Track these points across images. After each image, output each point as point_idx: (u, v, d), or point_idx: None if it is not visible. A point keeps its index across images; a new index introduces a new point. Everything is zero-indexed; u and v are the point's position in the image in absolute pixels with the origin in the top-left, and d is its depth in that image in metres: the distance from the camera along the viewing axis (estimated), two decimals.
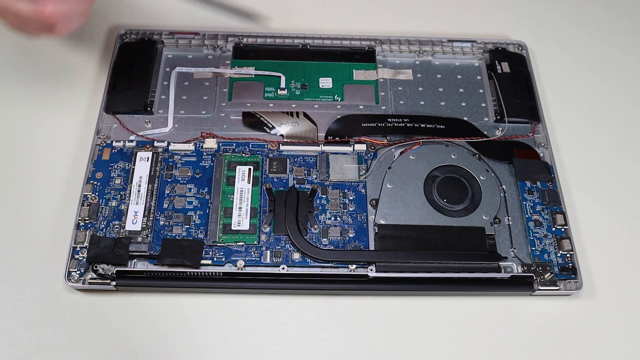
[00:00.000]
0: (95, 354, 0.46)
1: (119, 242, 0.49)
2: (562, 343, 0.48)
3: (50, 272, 0.49)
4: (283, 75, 0.59)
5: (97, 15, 0.64)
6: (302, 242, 0.49)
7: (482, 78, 0.61)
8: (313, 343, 0.48)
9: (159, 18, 0.64)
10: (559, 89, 0.62)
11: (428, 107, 0.58)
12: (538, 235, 0.51)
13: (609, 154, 0.58)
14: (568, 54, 0.65)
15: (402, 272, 0.49)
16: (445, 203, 0.52)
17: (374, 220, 0.51)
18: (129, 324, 0.48)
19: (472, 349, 0.48)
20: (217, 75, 0.59)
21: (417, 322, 0.49)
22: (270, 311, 0.49)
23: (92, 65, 0.60)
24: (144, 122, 0.56)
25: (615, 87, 0.63)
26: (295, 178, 0.53)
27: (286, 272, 0.48)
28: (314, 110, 0.57)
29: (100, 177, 0.52)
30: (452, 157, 0.54)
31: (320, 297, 0.49)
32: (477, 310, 0.49)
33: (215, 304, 0.49)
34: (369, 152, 0.55)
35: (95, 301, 0.48)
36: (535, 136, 0.57)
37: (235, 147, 0.54)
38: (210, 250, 0.49)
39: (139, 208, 0.50)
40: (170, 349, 0.47)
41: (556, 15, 0.68)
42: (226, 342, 0.47)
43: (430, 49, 0.61)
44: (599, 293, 0.51)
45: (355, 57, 0.61)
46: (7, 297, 0.48)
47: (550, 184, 0.54)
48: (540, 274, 0.49)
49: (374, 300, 0.50)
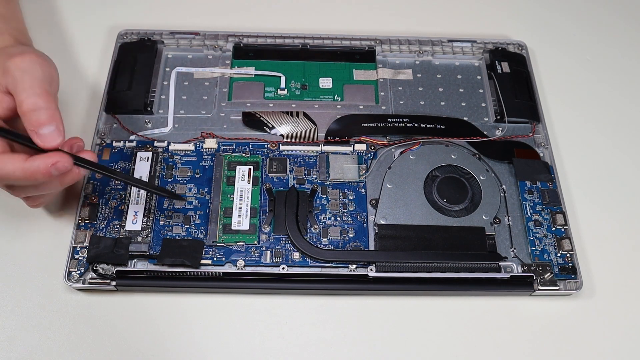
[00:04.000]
0: (95, 354, 0.46)
1: (119, 242, 0.49)
2: (562, 343, 0.48)
3: (50, 272, 0.49)
4: (283, 75, 0.59)
5: (97, 15, 0.64)
6: (302, 242, 0.49)
7: (482, 78, 0.61)
8: (313, 343, 0.48)
9: (159, 18, 0.64)
10: (559, 89, 0.62)
11: (428, 107, 0.58)
12: (538, 235, 0.51)
13: (609, 154, 0.58)
14: (568, 54, 0.65)
15: (402, 272, 0.49)
16: (445, 203, 0.52)
17: (374, 220, 0.51)
18: (129, 324, 0.48)
19: (472, 349, 0.48)
20: (217, 75, 0.59)
21: (417, 322, 0.49)
22: (270, 311, 0.49)
23: (92, 65, 0.60)
24: (144, 122, 0.56)
25: (615, 87, 0.63)
26: (295, 178, 0.53)
27: (286, 272, 0.48)
28: (314, 110, 0.57)
29: (100, 177, 0.52)
30: (452, 157, 0.54)
31: (320, 297, 0.49)
32: (477, 310, 0.49)
33: (215, 304, 0.49)
34: (369, 152, 0.55)
35: (95, 301, 0.48)
36: (535, 136, 0.57)
37: (235, 147, 0.54)
38: (210, 250, 0.49)
39: (139, 208, 0.50)
40: (170, 349, 0.47)
41: (556, 15, 0.68)
42: (226, 342, 0.47)
43: (430, 49, 0.61)
44: (599, 293, 0.51)
45: (355, 57, 0.61)
46: (7, 297, 0.48)
47: (550, 184, 0.54)
48: (540, 274, 0.49)
49: (374, 300, 0.50)
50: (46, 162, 0.41)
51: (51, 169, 0.41)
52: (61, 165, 0.41)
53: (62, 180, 0.43)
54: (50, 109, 0.42)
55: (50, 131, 0.41)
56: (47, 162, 0.41)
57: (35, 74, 0.42)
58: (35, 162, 0.41)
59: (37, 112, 0.41)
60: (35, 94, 0.42)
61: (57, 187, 0.45)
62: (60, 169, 0.41)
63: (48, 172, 0.41)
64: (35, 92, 0.42)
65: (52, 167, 0.41)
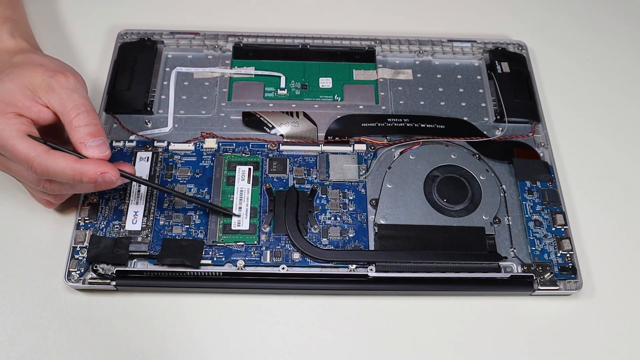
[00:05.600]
0: (95, 354, 0.46)
1: (119, 242, 0.49)
2: (562, 343, 0.48)
3: (50, 272, 0.49)
4: (283, 75, 0.59)
5: (97, 15, 0.64)
6: (302, 242, 0.49)
7: (482, 78, 0.61)
8: (313, 343, 0.48)
9: (159, 18, 0.64)
10: (559, 89, 0.62)
11: (428, 107, 0.58)
12: (538, 235, 0.51)
13: (609, 154, 0.58)
14: (568, 54, 0.65)
15: (402, 272, 0.49)
16: (445, 203, 0.52)
17: (374, 220, 0.51)
18: (129, 324, 0.48)
19: (472, 349, 0.48)
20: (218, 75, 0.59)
21: (417, 322, 0.49)
22: (270, 311, 0.49)
23: (92, 65, 0.60)
24: (144, 122, 0.56)
25: (615, 87, 0.63)
26: (295, 178, 0.53)
27: (286, 272, 0.48)
28: (314, 110, 0.57)
29: None
30: (452, 157, 0.54)
31: (320, 297, 0.49)
32: (477, 310, 0.49)
33: (215, 304, 0.49)
34: (369, 152, 0.55)
35: (95, 301, 0.48)
36: (535, 136, 0.57)
37: (235, 147, 0.54)
38: (210, 250, 0.49)
39: (139, 208, 0.51)
40: (170, 349, 0.47)
41: (556, 15, 0.68)
42: (226, 342, 0.47)
43: (430, 49, 0.61)
44: (599, 293, 0.51)
45: (355, 57, 0.61)
46: (7, 297, 0.48)
47: (550, 184, 0.54)
48: (540, 273, 0.49)
49: (374, 300, 0.50)
50: (97, 169, 0.44)
51: (99, 176, 0.44)
52: (108, 177, 0.44)
53: (99, 186, 0.46)
54: (98, 125, 0.45)
55: (98, 144, 0.45)
56: (97, 169, 0.44)
57: (81, 93, 0.46)
58: (86, 166, 0.44)
59: (88, 127, 0.45)
60: (86, 110, 0.45)
61: (89, 190, 0.48)
62: (106, 179, 0.44)
63: (95, 178, 0.44)
64: (86, 108, 0.45)
65: (100, 175, 0.44)
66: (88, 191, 0.49)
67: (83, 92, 0.46)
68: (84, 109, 0.45)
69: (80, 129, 0.44)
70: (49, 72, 0.46)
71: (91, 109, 0.46)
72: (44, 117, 0.45)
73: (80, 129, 0.44)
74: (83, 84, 0.47)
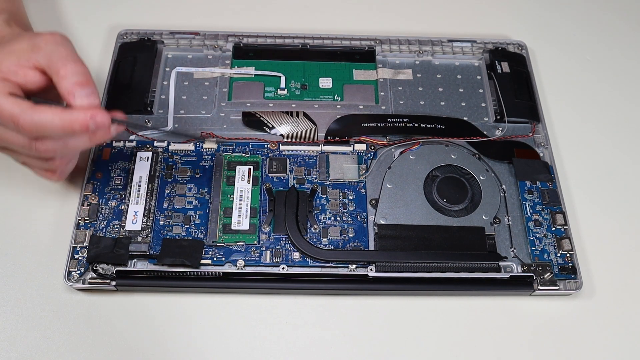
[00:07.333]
0: (95, 354, 0.46)
1: (119, 242, 0.49)
2: (562, 343, 0.48)
3: (50, 272, 0.49)
4: (283, 75, 0.59)
5: (97, 15, 0.64)
6: (302, 242, 0.49)
7: (482, 78, 0.61)
8: (313, 343, 0.48)
9: (159, 18, 0.64)
10: (559, 89, 0.62)
11: (428, 107, 0.58)
12: (538, 235, 0.51)
13: (609, 153, 0.58)
14: (568, 54, 0.65)
15: (402, 272, 0.49)
16: (445, 203, 0.52)
17: (374, 220, 0.51)
18: (129, 324, 0.48)
19: (472, 349, 0.48)
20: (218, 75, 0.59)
21: (417, 322, 0.49)
22: (270, 311, 0.49)
23: (92, 65, 0.60)
24: (144, 122, 0.56)
25: (615, 87, 0.63)
26: (295, 178, 0.53)
27: (286, 272, 0.48)
28: (314, 110, 0.57)
29: (100, 177, 0.52)
30: (452, 157, 0.54)
31: (320, 297, 0.49)
32: (477, 310, 0.49)
33: (215, 304, 0.49)
34: (369, 152, 0.55)
35: (95, 301, 0.48)
36: (535, 136, 0.57)
37: (235, 147, 0.54)
38: (210, 250, 0.49)
39: (139, 208, 0.50)
40: (170, 349, 0.47)
41: (556, 15, 0.68)
42: (226, 342, 0.47)
43: (430, 49, 0.61)
44: (599, 293, 0.51)
45: (355, 57, 0.61)
46: (7, 297, 0.48)
47: (550, 184, 0.54)
48: (540, 273, 0.49)
49: (374, 300, 0.50)
50: (85, 113, 0.42)
51: (90, 121, 0.42)
52: (99, 119, 0.42)
53: (94, 137, 0.44)
54: (87, 74, 0.43)
55: (88, 93, 0.43)
56: (86, 114, 0.42)
57: (68, 47, 0.44)
58: (74, 113, 0.42)
59: (76, 76, 0.43)
60: (73, 60, 0.43)
61: (85, 145, 0.45)
62: (98, 122, 0.42)
63: (86, 123, 0.42)
64: (73, 59, 0.44)
65: (90, 119, 0.42)
66: (84, 147, 0.46)
67: (70, 46, 0.45)
68: (71, 59, 0.43)
69: (68, 78, 0.42)
70: (34, 35, 0.45)
71: (79, 60, 0.44)
72: (32, 79, 0.43)
73: (68, 78, 0.42)
74: (70, 42, 0.45)
